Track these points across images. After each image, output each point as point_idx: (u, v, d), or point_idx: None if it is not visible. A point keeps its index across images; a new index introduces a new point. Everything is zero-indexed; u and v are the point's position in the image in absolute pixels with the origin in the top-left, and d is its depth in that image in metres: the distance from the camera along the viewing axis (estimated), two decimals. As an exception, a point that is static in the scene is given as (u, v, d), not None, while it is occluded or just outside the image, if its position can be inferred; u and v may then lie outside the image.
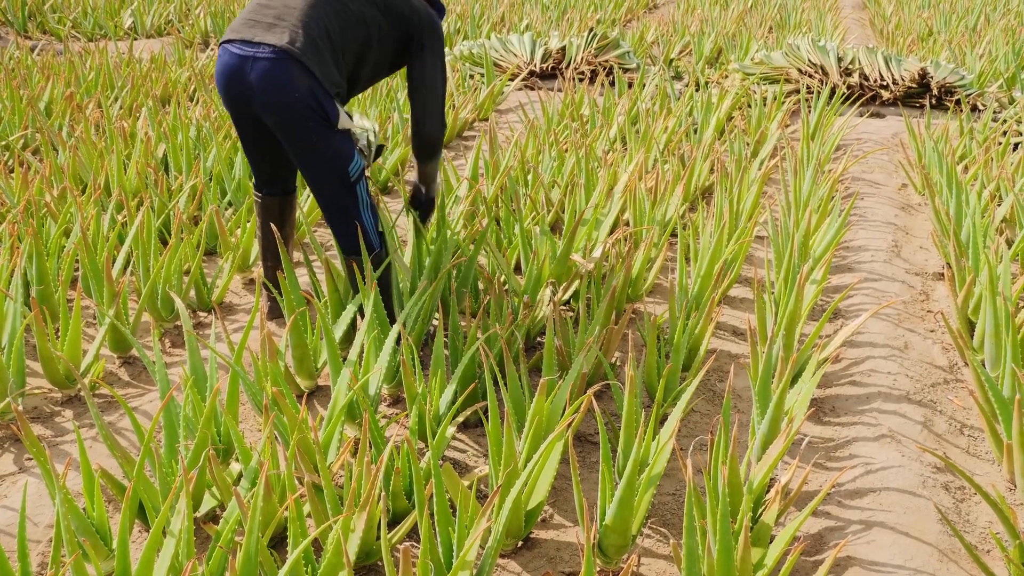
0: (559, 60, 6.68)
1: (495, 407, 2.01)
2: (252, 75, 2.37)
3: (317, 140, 2.42)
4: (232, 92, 2.44)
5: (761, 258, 3.61)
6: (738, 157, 4.12)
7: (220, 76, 2.45)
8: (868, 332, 2.93)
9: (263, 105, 2.40)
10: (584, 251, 3.23)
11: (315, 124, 2.40)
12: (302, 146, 2.44)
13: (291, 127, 2.41)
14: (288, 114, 2.38)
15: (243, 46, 2.39)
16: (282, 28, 2.38)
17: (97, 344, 2.57)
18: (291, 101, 2.36)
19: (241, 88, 2.41)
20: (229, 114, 2.61)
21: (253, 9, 2.47)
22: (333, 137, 2.44)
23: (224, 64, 2.43)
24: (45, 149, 4.01)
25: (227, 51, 2.42)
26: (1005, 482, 2.26)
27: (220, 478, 1.90)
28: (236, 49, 2.40)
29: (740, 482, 1.94)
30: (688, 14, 9.40)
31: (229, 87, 2.44)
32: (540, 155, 4.19)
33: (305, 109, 2.38)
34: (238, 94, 2.43)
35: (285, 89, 2.35)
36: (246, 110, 2.48)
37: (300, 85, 2.36)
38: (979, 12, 9.22)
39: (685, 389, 2.16)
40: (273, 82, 2.35)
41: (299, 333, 2.45)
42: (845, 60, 6.19)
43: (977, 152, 4.51)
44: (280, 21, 2.40)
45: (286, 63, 2.35)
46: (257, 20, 2.42)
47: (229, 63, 2.41)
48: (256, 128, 2.56)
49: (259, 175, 2.76)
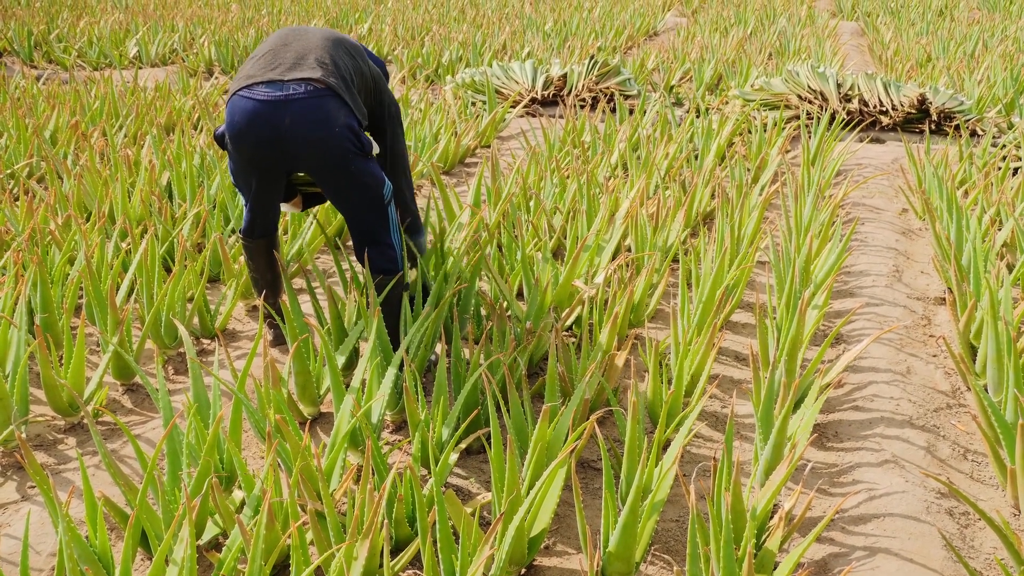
0: (560, 87, 6.73)
1: (498, 434, 2.01)
2: (288, 117, 2.36)
3: (356, 169, 2.48)
4: (262, 137, 2.40)
5: (763, 283, 3.62)
6: (739, 183, 4.14)
7: (244, 122, 2.39)
8: (870, 357, 2.93)
9: (302, 144, 2.39)
10: (586, 277, 3.24)
11: (353, 155, 2.46)
12: (341, 177, 2.49)
13: (331, 161, 2.44)
14: (328, 148, 2.41)
15: (269, 89, 2.36)
16: (309, 64, 2.41)
17: (100, 371, 2.57)
18: (331, 135, 2.39)
19: (273, 132, 2.38)
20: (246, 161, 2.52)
21: (267, 54, 2.46)
22: (369, 164, 2.52)
23: (248, 111, 2.38)
24: (50, 177, 4.04)
25: (248, 98, 2.38)
26: (1009, 507, 2.25)
27: (223, 506, 1.90)
28: (262, 95, 2.36)
29: (743, 508, 1.94)
30: (688, 41, 9.48)
31: (258, 133, 2.40)
32: (542, 181, 4.22)
33: (344, 141, 2.43)
34: (268, 138, 2.40)
35: (325, 123, 2.38)
36: (272, 153, 2.44)
37: (338, 118, 2.40)
38: (977, 39, 9.29)
39: (688, 415, 2.16)
40: (313, 119, 2.37)
41: (302, 360, 2.46)
42: (844, 86, 6.24)
43: (977, 177, 4.53)
44: (303, 59, 2.42)
45: (322, 98, 2.37)
46: (278, 62, 2.43)
47: (255, 109, 2.37)
48: (274, 170, 2.54)
49: (256, 221, 2.72)
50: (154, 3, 11.93)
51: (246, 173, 2.58)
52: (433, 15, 11.00)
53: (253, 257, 2.81)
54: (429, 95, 6.30)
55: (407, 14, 10.99)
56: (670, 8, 13.61)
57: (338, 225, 3.89)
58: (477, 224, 3.52)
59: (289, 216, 3.72)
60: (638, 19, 11.06)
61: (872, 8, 13.29)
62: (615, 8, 12.34)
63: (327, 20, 10.26)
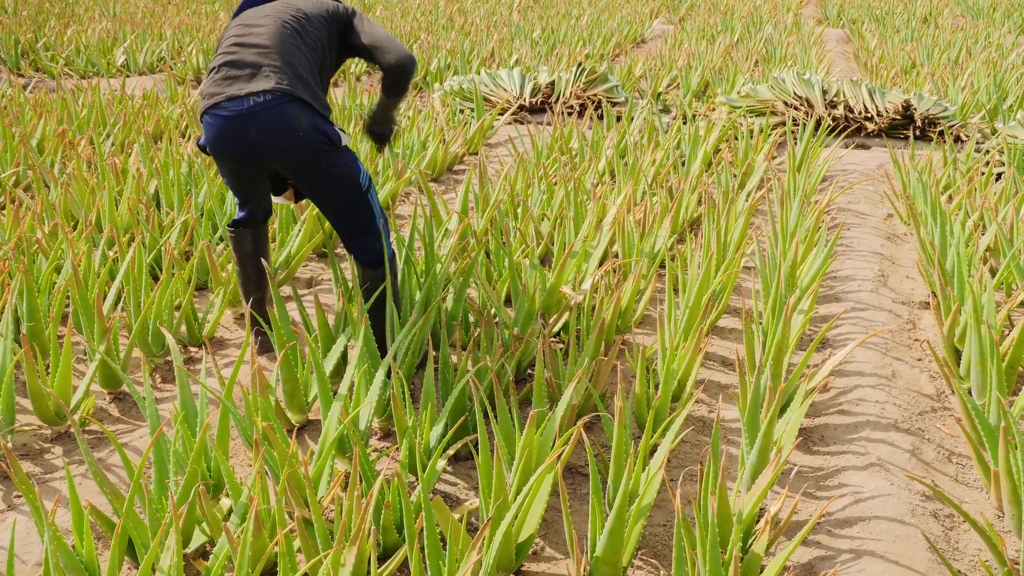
0: (548, 94, 6.76)
1: (485, 440, 2.02)
2: (254, 130, 2.43)
3: (328, 166, 2.54)
4: (236, 152, 2.50)
5: (749, 288, 3.64)
6: (725, 189, 4.16)
7: (217, 142, 2.49)
8: (856, 361, 2.96)
9: (273, 153, 2.48)
10: (573, 283, 3.25)
11: (324, 153, 2.51)
12: (316, 176, 2.55)
13: (303, 163, 2.51)
14: (299, 152, 2.48)
15: (231, 105, 2.43)
16: (264, 73, 2.45)
17: (87, 380, 2.57)
18: (298, 140, 2.46)
19: (245, 145, 2.47)
20: (228, 170, 2.64)
21: (222, 69, 2.51)
22: (340, 157, 2.57)
23: (218, 130, 2.47)
24: (37, 186, 4.03)
25: (216, 116, 2.46)
26: (993, 509, 2.27)
27: (210, 513, 1.90)
28: (227, 112, 2.44)
29: (730, 512, 1.95)
30: (675, 48, 9.53)
31: (231, 148, 2.49)
32: (529, 188, 4.23)
33: (313, 143, 2.48)
34: (243, 151, 2.49)
35: (290, 131, 2.44)
36: (248, 162, 2.55)
37: (302, 122, 2.46)
38: (961, 45, 9.38)
39: (674, 420, 2.17)
40: (276, 127, 2.43)
41: (289, 367, 2.46)
42: (830, 93, 6.28)
43: (961, 182, 4.57)
44: (258, 68, 2.46)
45: (282, 105, 2.43)
46: (234, 76, 2.47)
47: (223, 128, 2.46)
48: (258, 172, 2.65)
49: (248, 212, 2.82)
50: (142, 11, 11.92)
51: (231, 177, 2.70)
52: (421, 23, 11.03)
53: (239, 245, 2.85)
54: (417, 102, 6.31)
55: (395, 22, 11.01)
56: (657, 16, 13.68)
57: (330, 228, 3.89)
58: (465, 231, 3.53)
59: (277, 224, 3.72)
60: (625, 27, 11.11)
61: (857, 15, 13.39)
62: (603, 16, 12.39)
63: (315, 28, 10.24)
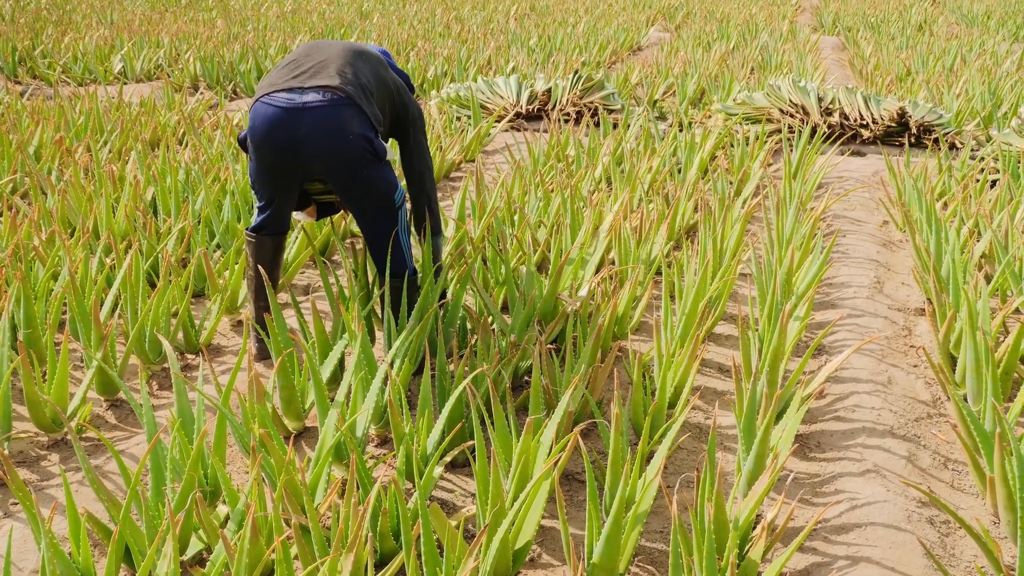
0: (545, 102, 6.77)
1: (482, 446, 2.02)
2: (305, 124, 2.45)
3: (369, 175, 2.58)
4: (279, 142, 2.51)
5: (745, 295, 3.65)
6: (721, 196, 4.18)
7: (263, 128, 2.51)
8: (852, 368, 2.96)
9: (317, 153, 2.50)
10: (570, 290, 3.26)
11: (368, 161, 2.56)
12: (355, 183, 2.59)
13: (345, 167, 2.54)
14: (343, 156, 2.51)
15: (289, 95, 2.46)
16: (328, 72, 2.51)
17: (84, 387, 2.57)
18: (347, 143, 2.49)
19: (290, 138, 2.49)
20: (263, 165, 2.63)
21: (290, 64, 2.59)
22: (383, 169, 2.62)
23: (267, 117, 2.49)
24: (34, 193, 4.03)
25: (269, 104, 2.49)
26: (989, 515, 2.28)
27: (207, 521, 1.90)
28: (282, 101, 2.47)
29: (726, 519, 1.95)
30: (671, 56, 9.57)
31: (275, 137, 2.50)
32: (526, 195, 4.24)
33: (358, 149, 2.52)
34: (285, 144, 2.50)
35: (340, 132, 2.48)
36: (291, 158, 2.55)
37: (353, 126, 2.50)
38: (955, 53, 9.42)
39: (671, 426, 2.18)
40: (328, 127, 2.46)
41: (287, 374, 2.46)
42: (825, 100, 6.31)
43: (956, 189, 4.59)
44: (324, 68, 2.53)
45: (338, 107, 2.46)
46: (300, 71, 2.54)
47: (274, 115, 2.48)
48: (291, 175, 2.65)
49: (267, 221, 2.81)
50: (139, 19, 11.93)
51: (264, 176, 2.67)
52: (418, 30, 11.05)
53: (256, 252, 2.85)
54: (414, 110, 6.31)
55: (392, 29, 11.04)
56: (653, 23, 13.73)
57: (323, 239, 3.90)
58: (462, 237, 3.53)
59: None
60: (622, 34, 11.14)
61: (852, 23, 13.44)
62: (599, 23, 12.43)
63: (312, 35, 10.28)
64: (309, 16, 12.53)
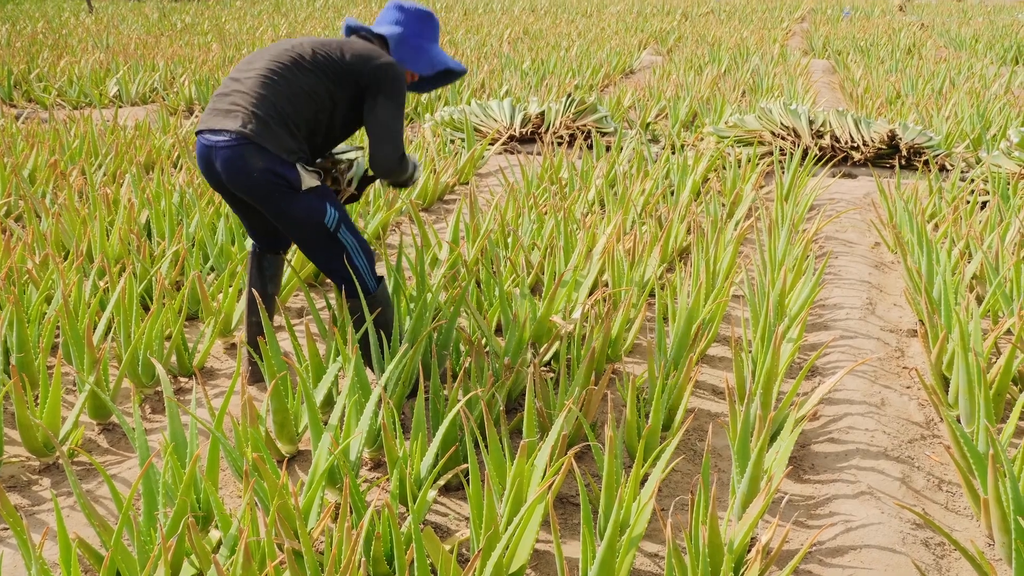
0: (538, 125, 6.81)
1: (476, 470, 2.02)
2: (217, 162, 2.60)
3: (287, 206, 2.63)
4: (209, 176, 2.69)
5: (738, 317, 3.66)
6: (714, 218, 4.20)
7: (199, 162, 2.70)
8: (845, 389, 2.97)
9: (232, 186, 2.63)
10: (564, 312, 3.26)
11: (281, 194, 2.62)
12: (276, 213, 2.67)
13: (262, 200, 2.64)
14: (254, 191, 2.61)
15: (208, 135, 2.61)
16: (235, 114, 2.60)
17: (76, 411, 2.55)
18: (252, 180, 2.59)
19: (213, 172, 2.65)
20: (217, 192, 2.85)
21: (216, 98, 2.71)
22: (301, 199, 2.65)
23: (198, 153, 2.68)
24: (28, 216, 4.03)
25: (199, 141, 2.66)
26: (984, 537, 2.28)
27: (199, 546, 1.89)
28: (204, 140, 2.63)
29: (721, 542, 1.94)
30: (664, 79, 9.64)
31: (205, 172, 2.69)
32: (520, 218, 4.26)
33: (267, 184, 2.59)
34: (214, 179, 2.68)
35: (244, 170, 2.58)
36: (223, 189, 2.73)
37: (256, 164, 2.58)
38: (944, 76, 9.51)
39: (665, 449, 2.18)
40: (233, 166, 2.58)
41: (280, 398, 2.46)
42: (816, 123, 6.36)
43: (946, 211, 4.62)
44: (235, 107, 2.61)
45: (240, 147, 2.57)
46: (217, 108, 2.65)
47: (201, 152, 2.65)
48: (235, 201, 2.80)
49: (252, 235, 2.96)
50: (135, 43, 11.99)
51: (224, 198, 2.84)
52: (412, 54, 11.10)
53: (251, 265, 2.99)
54: (409, 133, 6.35)
55: (387, 53, 11.10)
56: (646, 47, 13.84)
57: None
58: (455, 260, 3.54)
59: None
60: (614, 58, 11.23)
61: (842, 46, 13.58)
62: (592, 47, 12.53)
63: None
64: (304, 40, 12.56)
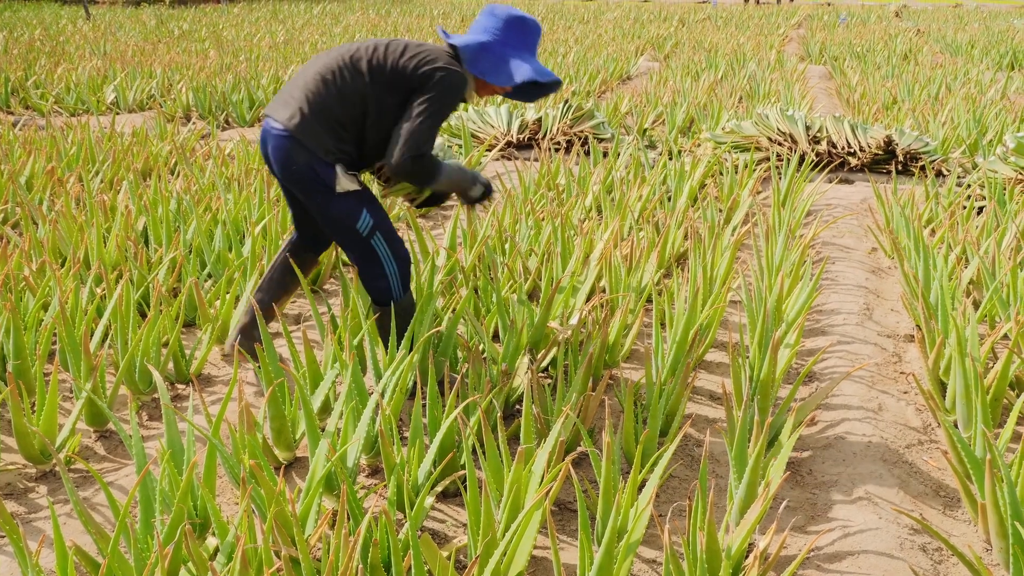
0: (535, 131, 6.82)
1: (473, 476, 2.01)
2: (269, 148, 2.76)
3: (324, 204, 2.75)
4: (264, 158, 2.86)
5: (735, 323, 3.66)
6: (711, 224, 4.20)
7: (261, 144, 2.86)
8: (842, 395, 2.97)
9: (278, 173, 2.79)
10: (561, 318, 3.26)
11: (316, 191, 2.74)
12: (312, 206, 2.79)
13: (305, 196, 2.77)
14: (295, 182, 2.75)
15: (269, 120, 2.77)
16: (289, 107, 2.73)
17: (73, 418, 2.55)
18: (292, 171, 2.73)
19: (267, 155, 2.81)
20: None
21: (287, 85, 2.86)
22: (338, 200, 2.75)
23: (262, 135, 2.83)
24: (25, 223, 4.03)
25: (264, 123, 2.81)
26: (982, 542, 2.28)
27: (196, 553, 1.88)
28: (265, 124, 2.79)
29: (718, 548, 1.94)
30: (661, 85, 9.66)
31: (263, 154, 2.85)
32: (517, 224, 4.26)
33: (304, 179, 2.73)
34: (267, 160, 2.84)
35: (286, 161, 2.73)
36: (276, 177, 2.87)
37: (297, 159, 2.71)
38: (940, 82, 9.54)
39: (663, 455, 2.18)
40: (279, 155, 2.73)
41: (277, 404, 2.45)
42: (813, 128, 6.37)
43: (943, 216, 4.63)
44: (291, 99, 2.75)
45: (286, 139, 2.71)
46: (282, 95, 2.81)
47: (261, 135, 2.82)
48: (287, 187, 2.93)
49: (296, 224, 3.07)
50: (132, 50, 12.00)
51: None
52: (410, 60, 11.13)
53: (285, 245, 3.10)
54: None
55: (384, 60, 11.11)
56: (643, 53, 13.87)
57: (315, 270, 3.89)
58: (453, 266, 3.54)
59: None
60: (611, 64, 11.26)
61: (839, 53, 13.62)
62: (589, 53, 12.56)
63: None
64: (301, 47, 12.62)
